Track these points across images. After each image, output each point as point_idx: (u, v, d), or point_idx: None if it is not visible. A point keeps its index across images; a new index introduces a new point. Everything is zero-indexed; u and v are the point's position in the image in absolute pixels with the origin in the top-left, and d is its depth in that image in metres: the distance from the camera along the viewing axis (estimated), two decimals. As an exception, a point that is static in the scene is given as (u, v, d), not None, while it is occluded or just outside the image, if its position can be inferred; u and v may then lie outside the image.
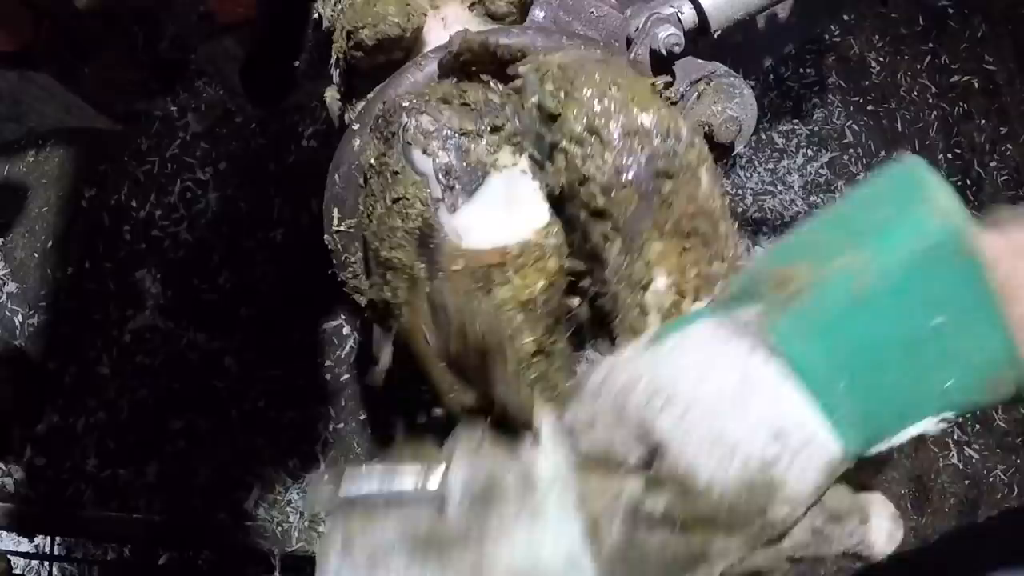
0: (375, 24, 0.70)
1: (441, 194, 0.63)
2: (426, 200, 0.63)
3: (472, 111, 0.65)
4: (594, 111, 0.60)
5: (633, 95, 0.61)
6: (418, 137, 0.63)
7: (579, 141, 0.61)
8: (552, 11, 0.79)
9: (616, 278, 0.62)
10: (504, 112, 0.66)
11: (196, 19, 0.97)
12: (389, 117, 0.66)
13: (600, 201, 0.60)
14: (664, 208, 0.60)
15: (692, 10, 0.72)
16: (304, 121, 2.06)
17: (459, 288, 0.63)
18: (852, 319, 0.46)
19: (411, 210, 0.64)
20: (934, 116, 2.33)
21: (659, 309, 0.63)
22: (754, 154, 2.25)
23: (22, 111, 1.08)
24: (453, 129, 0.64)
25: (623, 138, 0.60)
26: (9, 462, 1.77)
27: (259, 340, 1.90)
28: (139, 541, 1.73)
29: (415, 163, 0.64)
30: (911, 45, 2.39)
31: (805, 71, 2.32)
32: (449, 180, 0.63)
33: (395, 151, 0.65)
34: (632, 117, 0.60)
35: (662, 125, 0.60)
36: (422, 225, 0.63)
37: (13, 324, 1.91)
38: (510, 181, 0.64)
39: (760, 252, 2.13)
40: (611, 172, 0.59)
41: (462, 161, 0.63)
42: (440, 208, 0.63)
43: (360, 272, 0.77)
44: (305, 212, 1.99)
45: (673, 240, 0.62)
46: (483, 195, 0.63)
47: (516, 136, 0.65)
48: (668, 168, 0.60)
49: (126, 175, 2.00)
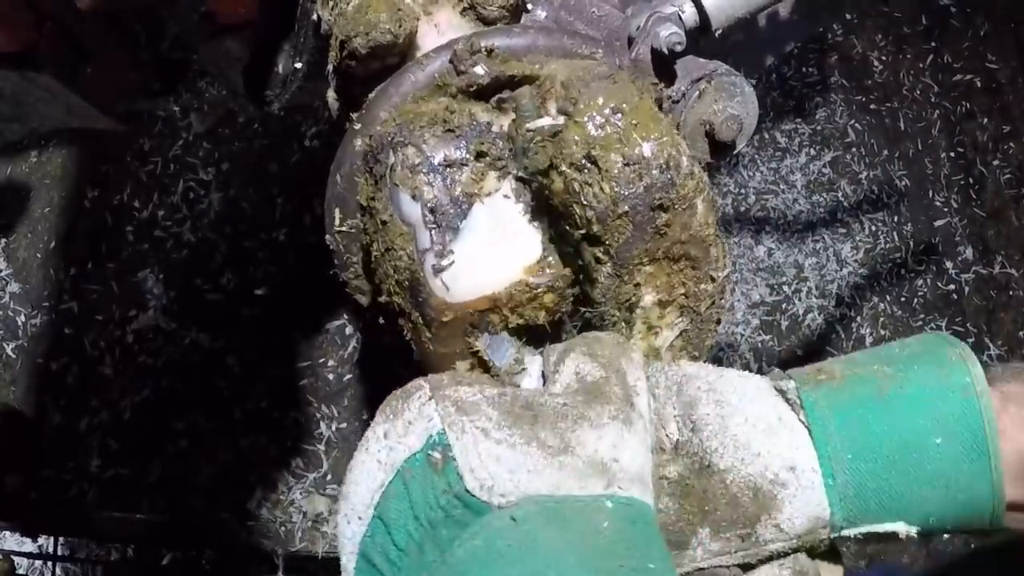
0: (367, 32, 0.70)
1: (429, 242, 0.64)
2: (412, 254, 0.64)
3: (457, 137, 0.65)
4: (595, 137, 0.60)
5: (636, 121, 0.61)
6: (405, 176, 0.64)
7: (578, 167, 0.60)
8: (554, 11, 0.79)
9: (605, 299, 0.63)
10: (489, 135, 0.66)
11: (198, 19, 0.97)
12: (377, 154, 0.66)
13: (595, 228, 0.60)
14: (657, 238, 0.61)
15: (693, 9, 0.72)
16: (306, 121, 2.06)
17: (455, 333, 0.65)
18: (869, 408, 0.55)
19: (399, 263, 0.65)
20: (936, 115, 2.33)
21: (644, 321, 0.64)
22: (757, 153, 2.25)
23: (24, 112, 1.08)
24: (438, 161, 0.64)
25: (623, 168, 0.59)
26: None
27: (262, 340, 1.90)
28: (142, 541, 1.73)
29: (402, 210, 0.65)
30: (913, 44, 2.39)
31: (807, 70, 2.32)
32: (436, 217, 0.63)
33: (383, 195, 0.65)
34: (633, 146, 0.60)
35: (662, 155, 0.60)
36: (410, 278, 0.64)
37: (16, 324, 1.91)
38: (494, 208, 0.64)
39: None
40: (608, 202, 0.59)
41: (446, 195, 0.63)
42: (426, 260, 0.64)
43: (362, 272, 0.77)
44: (307, 212, 1.99)
45: (663, 263, 0.62)
46: (469, 229, 0.64)
47: (501, 160, 0.65)
48: (664, 200, 0.60)
49: (128, 175, 2.01)
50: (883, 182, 2.26)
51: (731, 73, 0.73)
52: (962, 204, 2.27)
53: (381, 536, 0.50)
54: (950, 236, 2.24)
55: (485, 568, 0.46)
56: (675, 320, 0.65)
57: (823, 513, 0.54)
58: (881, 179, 2.26)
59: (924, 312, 2.17)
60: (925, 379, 0.56)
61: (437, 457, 0.49)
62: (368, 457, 0.52)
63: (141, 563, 1.76)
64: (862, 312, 2.15)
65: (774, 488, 0.54)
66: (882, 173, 2.27)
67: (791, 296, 2.13)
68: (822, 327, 2.12)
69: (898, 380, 0.56)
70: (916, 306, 2.17)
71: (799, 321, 2.12)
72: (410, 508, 0.49)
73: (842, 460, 0.54)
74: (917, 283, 2.19)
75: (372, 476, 0.51)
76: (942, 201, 2.26)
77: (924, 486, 0.54)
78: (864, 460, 0.54)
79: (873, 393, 0.56)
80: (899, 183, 2.26)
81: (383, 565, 0.49)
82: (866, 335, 2.13)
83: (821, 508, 0.54)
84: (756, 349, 2.08)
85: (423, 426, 0.51)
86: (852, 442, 0.54)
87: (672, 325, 0.66)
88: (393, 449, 0.51)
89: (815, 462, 0.54)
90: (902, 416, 0.55)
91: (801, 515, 0.54)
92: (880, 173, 2.27)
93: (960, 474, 0.54)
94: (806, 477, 0.54)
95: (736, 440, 0.55)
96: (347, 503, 0.52)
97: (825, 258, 2.18)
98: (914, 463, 0.54)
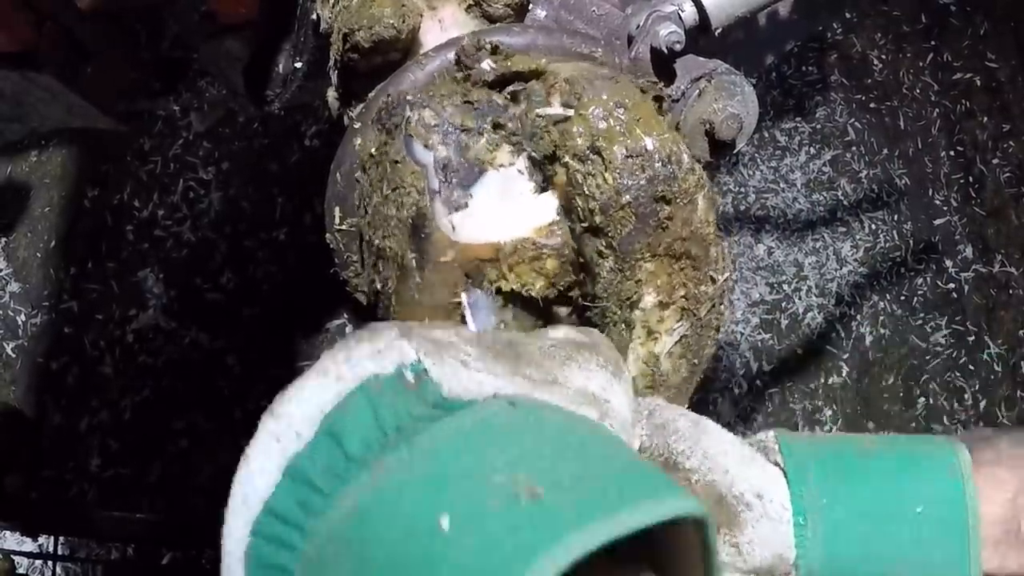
0: (370, 26, 0.70)
1: (438, 187, 0.63)
2: (423, 189, 0.63)
3: (475, 109, 0.65)
4: (599, 129, 0.61)
5: (638, 116, 0.62)
6: (420, 130, 0.63)
7: (581, 158, 0.61)
8: (554, 10, 0.79)
9: (607, 294, 0.63)
10: (507, 112, 0.66)
11: (198, 19, 0.97)
12: (392, 109, 0.66)
13: (597, 219, 0.61)
14: (659, 231, 0.61)
15: (693, 8, 0.72)
16: (306, 121, 2.06)
17: (447, 280, 0.63)
18: (851, 462, 0.53)
19: (407, 198, 0.63)
20: (936, 114, 2.33)
21: (644, 325, 0.64)
22: (756, 152, 2.25)
23: (24, 112, 1.08)
24: (455, 125, 0.64)
25: (625, 160, 0.60)
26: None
27: (262, 340, 1.90)
28: (142, 541, 1.73)
29: (416, 154, 0.64)
30: (913, 43, 2.39)
31: (807, 69, 2.32)
32: (447, 174, 0.63)
33: (397, 142, 0.65)
34: (636, 139, 0.61)
35: (664, 150, 0.61)
36: (416, 214, 0.63)
37: (16, 324, 1.91)
38: (507, 179, 0.64)
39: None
40: (611, 192, 0.60)
41: (461, 156, 0.63)
42: (436, 199, 0.63)
43: (362, 271, 0.77)
44: (308, 211, 1.99)
45: (664, 261, 0.63)
46: (480, 189, 0.63)
47: (516, 135, 0.65)
48: (667, 192, 0.61)
49: (129, 175, 2.01)
50: (883, 181, 2.26)
51: (731, 72, 0.73)
52: (962, 203, 2.27)
53: (327, 450, 0.41)
54: (950, 235, 2.24)
55: (472, 440, 0.40)
56: (675, 325, 0.66)
57: (787, 552, 0.51)
58: (881, 178, 2.26)
59: (924, 311, 2.17)
60: (914, 449, 0.54)
61: (411, 378, 0.43)
62: (317, 375, 0.43)
63: (141, 563, 1.76)
64: (862, 311, 2.15)
65: (738, 505, 0.52)
66: (882, 172, 2.27)
67: (791, 295, 2.14)
68: (822, 326, 2.12)
69: (889, 444, 0.55)
70: (916, 305, 2.17)
71: (799, 320, 2.12)
72: (373, 419, 0.41)
73: (817, 504, 0.51)
74: (917, 282, 2.19)
75: (322, 391, 0.42)
76: (942, 200, 2.26)
77: (900, 551, 0.51)
78: (838, 510, 0.51)
79: (857, 451, 0.54)
80: (899, 182, 2.26)
81: (323, 480, 0.40)
82: (866, 334, 2.13)
83: (786, 547, 0.51)
84: (756, 348, 2.09)
85: (394, 356, 0.43)
86: (828, 489, 0.52)
87: (672, 331, 0.66)
88: (356, 366, 0.43)
89: (787, 499, 0.52)
90: (885, 478, 0.52)
91: (763, 545, 0.51)
92: (880, 172, 2.27)
93: (938, 552, 0.51)
94: (774, 509, 0.51)
95: (706, 452, 0.53)
96: (278, 422, 0.43)
97: (825, 257, 2.18)
98: (891, 534, 0.51)
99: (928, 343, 2.14)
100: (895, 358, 2.13)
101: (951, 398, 2.11)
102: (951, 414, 2.09)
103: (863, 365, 2.11)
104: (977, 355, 2.14)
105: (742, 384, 2.06)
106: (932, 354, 2.14)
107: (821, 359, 2.11)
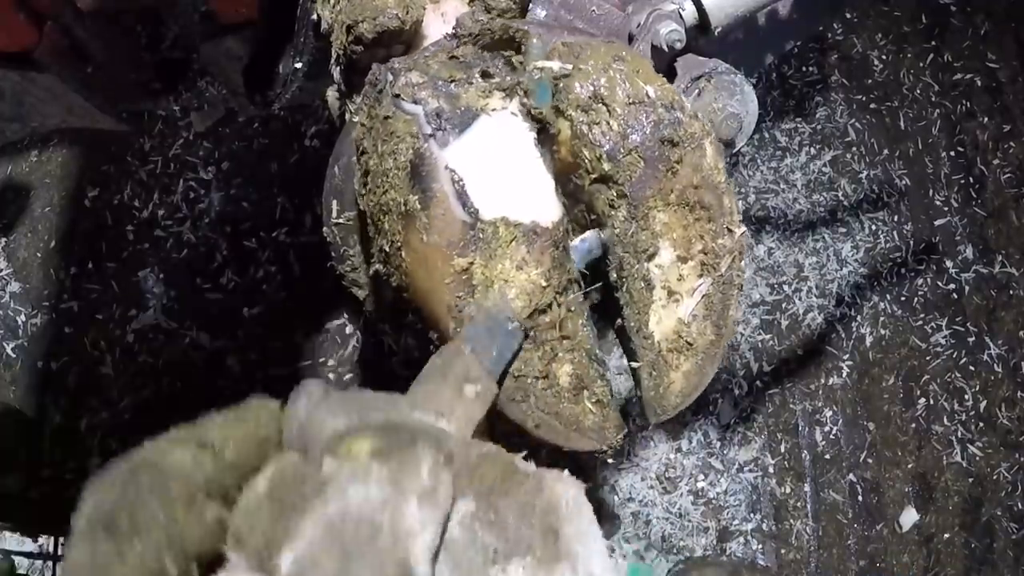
0: (374, 17, 0.70)
1: (431, 131, 0.62)
2: (416, 134, 0.62)
3: (461, 62, 0.66)
4: (600, 81, 0.61)
5: (637, 69, 0.62)
6: (407, 90, 0.63)
7: (584, 108, 0.61)
8: (553, 9, 0.79)
9: (622, 245, 0.63)
10: (495, 63, 0.66)
11: (198, 19, 0.97)
12: (377, 76, 0.66)
13: (606, 166, 0.60)
14: (669, 176, 0.61)
15: (693, 7, 0.72)
16: (306, 121, 2.06)
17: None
18: None
19: (402, 144, 0.62)
20: (937, 114, 2.33)
21: (663, 285, 0.63)
22: (757, 152, 2.25)
23: (25, 112, 1.08)
24: (442, 78, 0.64)
25: (628, 106, 0.61)
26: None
27: (262, 340, 1.90)
28: (142, 541, 1.73)
29: (405, 108, 0.63)
30: (914, 43, 2.39)
31: (807, 69, 2.32)
32: (440, 122, 0.62)
33: (386, 100, 0.64)
34: (637, 87, 0.61)
35: (666, 97, 0.61)
36: (413, 156, 0.62)
37: (16, 324, 1.91)
38: (501, 123, 0.64)
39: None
40: (617, 138, 0.60)
41: (452, 105, 0.63)
42: (431, 141, 0.62)
43: (359, 265, 0.77)
44: (308, 212, 1.99)
45: (679, 211, 0.62)
46: (473, 133, 0.63)
47: (507, 82, 0.65)
48: (673, 135, 0.61)
49: (129, 175, 2.01)
50: (883, 181, 2.26)
51: (731, 71, 0.73)
52: (962, 203, 2.26)
53: None
54: (950, 235, 2.24)
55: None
56: (696, 283, 0.65)
57: None
58: (881, 178, 2.26)
59: (924, 311, 2.17)
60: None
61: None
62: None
63: (141, 563, 1.75)
64: (862, 311, 2.15)
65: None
66: (882, 172, 2.27)
67: (791, 295, 2.13)
68: (822, 326, 2.12)
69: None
70: (916, 305, 2.17)
71: (799, 320, 2.12)
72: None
73: None
74: (917, 282, 2.19)
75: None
76: (942, 200, 2.26)
77: None
78: None
79: None
80: (899, 182, 2.26)
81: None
82: (866, 334, 2.13)
83: None
84: (756, 348, 2.08)
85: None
86: None
87: (693, 290, 0.65)
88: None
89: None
90: None
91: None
92: (880, 172, 2.26)
93: None
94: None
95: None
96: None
97: (825, 257, 2.18)
98: None
99: (928, 344, 2.14)
100: (895, 359, 2.13)
101: (951, 399, 2.11)
102: (951, 414, 2.09)
103: (863, 366, 2.11)
104: (977, 356, 2.14)
105: (742, 385, 2.06)
106: (932, 355, 2.13)
107: (821, 360, 2.10)
